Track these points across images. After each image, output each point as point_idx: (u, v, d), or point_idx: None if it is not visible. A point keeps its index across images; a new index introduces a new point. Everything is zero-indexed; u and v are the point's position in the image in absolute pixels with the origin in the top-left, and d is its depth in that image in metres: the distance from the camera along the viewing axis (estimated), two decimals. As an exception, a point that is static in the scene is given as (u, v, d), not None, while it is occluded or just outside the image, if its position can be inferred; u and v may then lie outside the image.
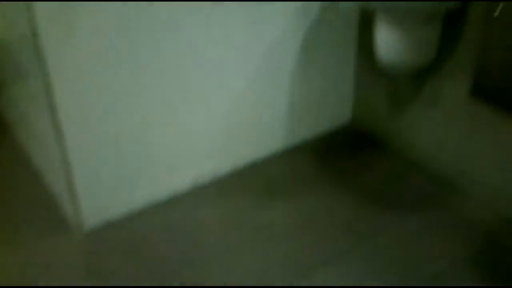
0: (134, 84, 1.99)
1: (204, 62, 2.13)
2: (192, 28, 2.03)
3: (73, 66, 1.83)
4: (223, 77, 2.22)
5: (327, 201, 2.24)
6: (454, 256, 1.93)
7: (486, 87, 2.02)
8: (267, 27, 2.22)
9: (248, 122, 2.38)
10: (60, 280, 1.89)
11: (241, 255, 1.99)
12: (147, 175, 2.18)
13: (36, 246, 2.05)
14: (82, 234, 2.10)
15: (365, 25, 2.40)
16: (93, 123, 1.96)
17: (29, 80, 2.10)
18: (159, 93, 2.06)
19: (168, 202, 2.25)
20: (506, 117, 1.98)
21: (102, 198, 2.11)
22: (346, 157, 2.51)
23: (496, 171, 2.10)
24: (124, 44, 1.90)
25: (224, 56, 2.17)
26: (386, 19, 2.07)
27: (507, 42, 1.87)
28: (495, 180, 2.12)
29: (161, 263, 1.95)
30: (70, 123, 1.90)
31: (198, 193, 2.30)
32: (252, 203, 2.23)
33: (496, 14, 1.84)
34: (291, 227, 2.13)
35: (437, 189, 2.27)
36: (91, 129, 1.96)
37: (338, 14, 2.39)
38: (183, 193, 2.29)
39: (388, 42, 2.10)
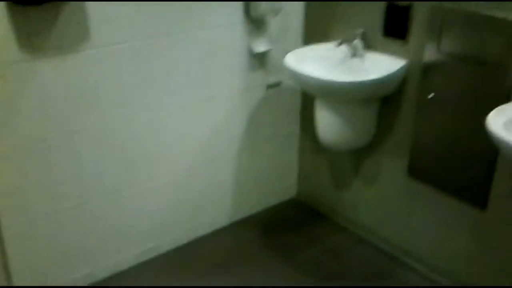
0: (71, 161, 1.97)
1: (152, 138, 2.15)
2: (139, 105, 2.07)
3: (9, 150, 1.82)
4: (169, 154, 2.23)
5: (272, 275, 2.23)
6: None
7: (420, 168, 2.12)
8: (214, 105, 2.29)
9: (193, 197, 2.38)
10: None
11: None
12: (86, 254, 2.12)
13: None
14: (15, 316, 1.99)
15: (307, 105, 2.50)
16: (28, 202, 1.91)
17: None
18: (101, 169, 2.05)
19: (110, 279, 2.18)
20: (441, 196, 2.07)
21: (39, 278, 2.03)
22: (291, 231, 2.53)
23: (435, 246, 2.17)
24: (62, 122, 1.91)
25: (171, 133, 2.20)
26: (324, 101, 2.17)
27: (438, 125, 1.99)
28: (434, 255, 2.19)
29: None
30: (5, 204, 1.86)
31: (141, 270, 2.25)
32: (195, 279, 2.19)
33: (430, 96, 1.97)
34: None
35: (382, 263, 2.31)
36: (26, 209, 1.92)
37: (281, 93, 2.50)
38: (125, 270, 2.23)
39: (327, 122, 2.19)
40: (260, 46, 2.29)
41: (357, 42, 2.12)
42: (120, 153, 2.07)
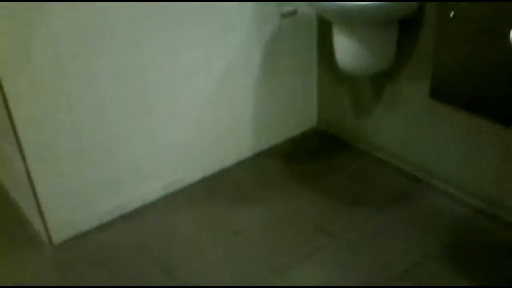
0: (96, 99, 1.99)
1: (169, 74, 2.15)
2: (155, 43, 2.05)
3: (29, 87, 1.83)
4: (190, 88, 2.24)
5: (297, 202, 2.27)
6: (425, 249, 1.99)
7: (443, 89, 2.10)
8: (229, 38, 2.26)
9: (215, 130, 2.41)
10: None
11: (214, 258, 2.00)
12: (115, 187, 2.17)
13: (7, 262, 2.02)
14: (52, 248, 2.07)
15: (324, 32, 2.47)
16: (54, 138, 1.95)
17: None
18: (124, 106, 2.07)
19: (138, 211, 2.25)
20: (465, 115, 2.06)
21: (69, 212, 2.09)
22: (313, 159, 2.56)
23: (460, 166, 2.19)
24: (82, 58, 1.91)
25: (189, 68, 2.20)
26: (342, 26, 2.13)
27: (459, 45, 1.96)
28: (459, 174, 2.20)
29: (133, 270, 1.95)
30: (29, 141, 1.89)
31: (169, 201, 2.31)
32: (223, 208, 2.25)
33: (451, 15, 1.92)
34: (263, 229, 2.15)
35: (405, 185, 2.34)
36: (53, 144, 1.95)
37: (297, 22, 2.46)
38: (153, 202, 2.30)
39: (346, 48, 2.16)
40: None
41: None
42: (141, 90, 2.09)
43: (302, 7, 2.39)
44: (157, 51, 2.08)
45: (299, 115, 2.72)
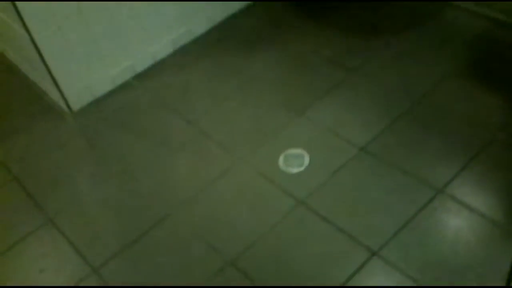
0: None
1: None
2: None
3: None
4: None
5: (311, 41, 2.19)
6: (447, 68, 1.93)
7: None
8: None
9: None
10: (61, 156, 1.93)
11: (233, 105, 1.99)
12: (123, 48, 2.11)
13: (32, 133, 2.06)
14: (72, 115, 2.09)
15: None
16: (53, 4, 1.85)
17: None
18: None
19: (151, 70, 2.21)
20: None
21: (83, 78, 2.07)
22: (320, 1, 2.43)
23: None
24: None
25: None
26: None
27: None
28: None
29: (155, 124, 1.97)
30: (29, 10, 1.80)
31: (180, 56, 2.25)
32: (235, 57, 2.19)
33: None
34: (280, 72, 2.11)
35: (422, 7, 2.21)
36: (53, 11, 1.86)
37: None
38: (164, 59, 2.25)
39: None
40: None
41: None
42: None
43: None
44: None
45: None
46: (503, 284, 1.33)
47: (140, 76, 2.19)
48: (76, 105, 2.10)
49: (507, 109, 1.79)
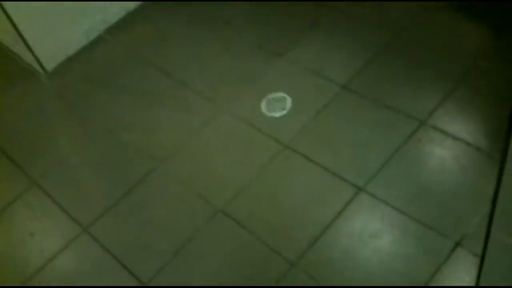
0: None
1: None
2: None
3: None
4: None
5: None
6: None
7: None
8: None
9: None
10: (40, 118, 1.89)
11: (211, 53, 1.95)
12: (93, 4, 2.04)
13: (8, 95, 2.01)
14: (47, 76, 2.04)
15: None
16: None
17: None
18: None
19: (123, 22, 2.14)
20: None
21: (55, 37, 2.00)
22: None
23: None
24: None
25: None
26: None
27: None
28: None
29: (133, 79, 1.93)
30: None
31: (153, 5, 2.18)
32: (208, 4, 2.13)
33: None
34: (256, 16, 2.05)
35: None
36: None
37: None
38: (136, 9, 2.17)
39: None
40: None
41: None
42: None
43: None
44: None
45: None
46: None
47: (112, 30, 2.13)
48: (50, 65, 2.04)
49: (487, 37, 1.77)
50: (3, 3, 1.81)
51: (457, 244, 1.32)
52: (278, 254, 1.40)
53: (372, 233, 1.40)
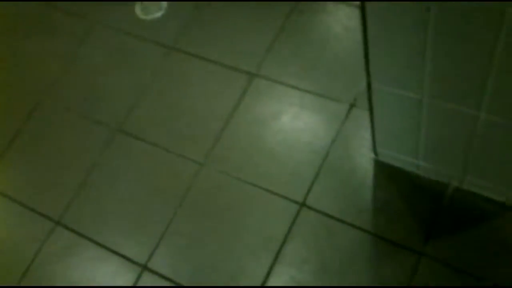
0: None
1: None
2: None
3: None
4: None
5: None
6: None
7: None
8: None
9: None
10: None
11: None
12: None
13: None
14: None
15: None
16: None
17: None
18: None
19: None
20: None
21: None
22: None
23: None
24: None
25: None
26: None
27: None
28: None
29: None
30: None
31: None
32: None
33: None
34: None
35: None
36: None
37: None
38: None
39: None
40: None
41: None
42: None
43: None
44: None
45: None
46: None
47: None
48: None
49: None
50: None
51: (352, 106, 1.34)
52: (186, 158, 1.38)
53: (273, 114, 1.40)
